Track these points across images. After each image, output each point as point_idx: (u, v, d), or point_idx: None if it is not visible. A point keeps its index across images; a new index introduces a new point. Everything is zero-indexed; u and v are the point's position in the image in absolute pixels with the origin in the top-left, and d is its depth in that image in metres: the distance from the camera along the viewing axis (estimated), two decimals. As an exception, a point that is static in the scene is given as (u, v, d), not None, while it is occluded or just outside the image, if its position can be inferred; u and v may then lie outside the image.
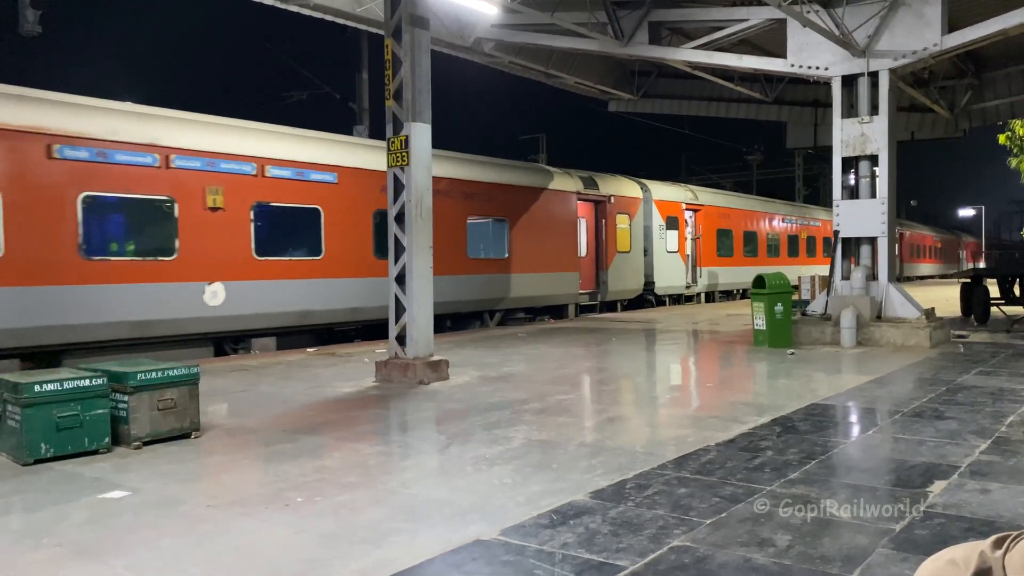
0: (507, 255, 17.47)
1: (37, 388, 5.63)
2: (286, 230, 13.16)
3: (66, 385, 5.75)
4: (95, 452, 5.85)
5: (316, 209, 13.37)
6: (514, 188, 17.72)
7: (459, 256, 16.10)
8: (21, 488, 5.08)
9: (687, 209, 24.24)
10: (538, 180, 18.61)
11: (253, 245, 12.40)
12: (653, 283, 22.61)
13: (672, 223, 23.23)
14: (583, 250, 19.87)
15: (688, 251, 24.34)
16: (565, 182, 19.38)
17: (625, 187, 21.67)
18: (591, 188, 20.12)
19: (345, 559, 3.75)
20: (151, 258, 11.30)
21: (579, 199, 19.66)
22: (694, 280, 24.71)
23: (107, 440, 5.92)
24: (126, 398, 6.04)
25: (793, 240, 31.65)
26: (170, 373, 6.30)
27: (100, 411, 5.89)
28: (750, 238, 28.07)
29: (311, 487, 4.98)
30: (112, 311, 10.75)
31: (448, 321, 16.38)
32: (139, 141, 11.11)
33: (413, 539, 4.00)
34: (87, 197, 10.58)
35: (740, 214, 27.56)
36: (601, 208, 20.49)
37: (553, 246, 18.73)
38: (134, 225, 11.50)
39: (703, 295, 25.22)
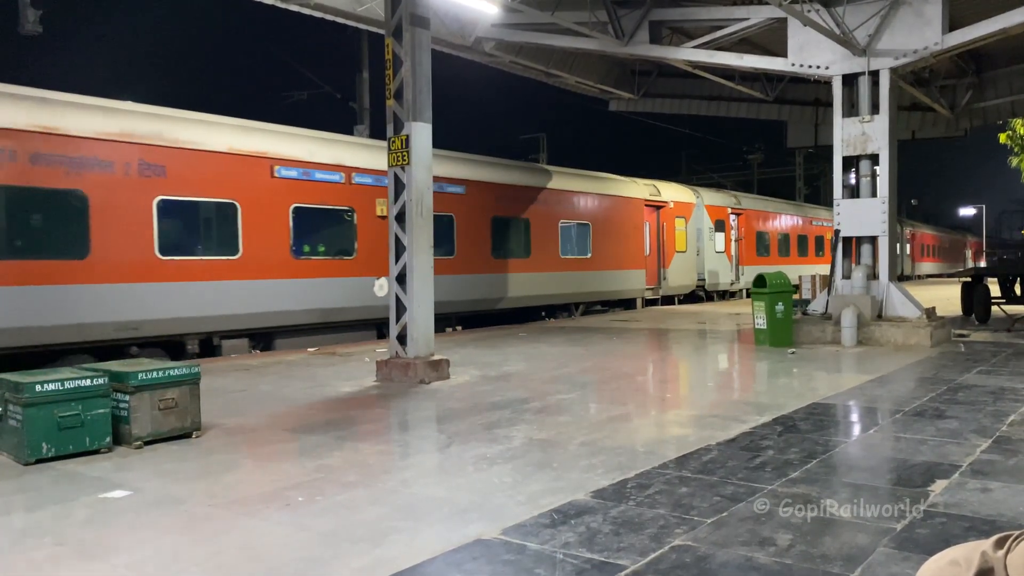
0: (590, 254, 19.88)
1: (38, 388, 5.64)
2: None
3: (67, 385, 5.76)
4: (96, 452, 5.85)
5: (451, 216, 15.94)
6: (595, 196, 20.23)
7: (554, 255, 18.66)
8: (22, 487, 5.08)
9: (732, 213, 26.76)
10: (615, 189, 21.14)
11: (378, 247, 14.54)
12: (704, 280, 25.08)
13: (719, 226, 25.72)
14: (647, 250, 22.21)
15: (732, 251, 26.92)
16: (634, 189, 21.88)
17: (681, 193, 24.24)
18: (654, 195, 22.61)
19: (345, 558, 3.75)
20: (338, 257, 13.90)
21: (645, 205, 22.07)
22: (737, 277, 27.18)
23: (108, 440, 5.93)
24: (127, 398, 6.04)
25: (819, 240, 34.03)
26: (171, 373, 6.30)
27: (101, 411, 5.89)
28: (783, 239, 30.78)
29: (312, 486, 4.98)
30: (310, 300, 13.26)
31: (543, 312, 19.09)
32: (330, 162, 13.70)
33: (413, 538, 4.00)
34: (296, 208, 13.12)
35: (774, 217, 30.34)
36: (662, 212, 22.82)
37: (625, 247, 21.22)
38: (327, 230, 13.91)
39: (744, 291, 27.19)
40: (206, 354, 11.96)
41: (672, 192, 23.78)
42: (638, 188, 22.05)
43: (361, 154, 14.36)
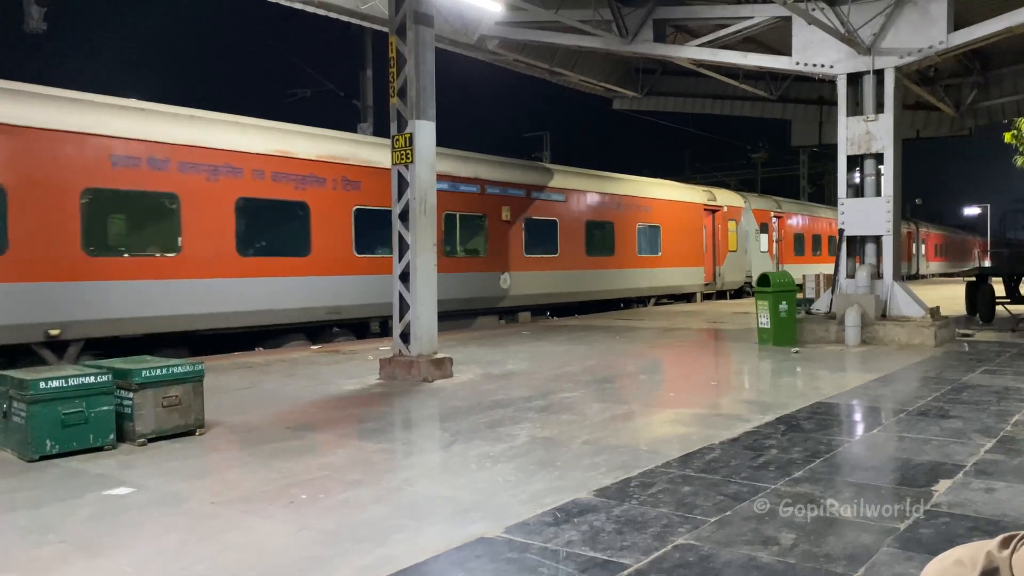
0: (660, 253, 22.58)
1: (42, 385, 5.65)
2: (540, 236, 18.54)
3: (71, 382, 5.77)
4: (100, 449, 5.86)
5: (555, 220, 18.87)
6: (665, 201, 22.99)
7: (632, 254, 21.55)
8: (26, 484, 5.10)
9: (773, 216, 29.05)
10: (679, 195, 23.95)
11: (524, 246, 17.91)
12: (751, 277, 26.63)
13: (763, 228, 28.27)
14: (705, 249, 24.81)
15: (774, 251, 28.99)
16: (695, 195, 24.75)
17: (733, 199, 26.89)
18: (711, 200, 25.20)
19: (348, 556, 3.76)
20: (473, 256, 16.82)
21: (703, 209, 24.66)
22: None
23: (112, 437, 5.94)
24: (131, 395, 6.05)
25: None
26: (174, 370, 6.31)
27: (105, 408, 5.90)
28: (816, 239, 33.27)
29: (315, 484, 4.99)
30: (452, 291, 15.39)
31: (621, 303, 21.86)
32: (469, 176, 16.54)
33: (416, 537, 4.01)
34: (446, 214, 15.71)
35: (809, 219, 32.96)
36: (717, 216, 25.35)
37: (688, 246, 23.83)
38: (466, 232, 16.70)
39: None
40: (385, 334, 13.71)
41: (725, 197, 26.31)
42: (698, 194, 24.89)
43: (496, 170, 17.49)
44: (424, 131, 9.49)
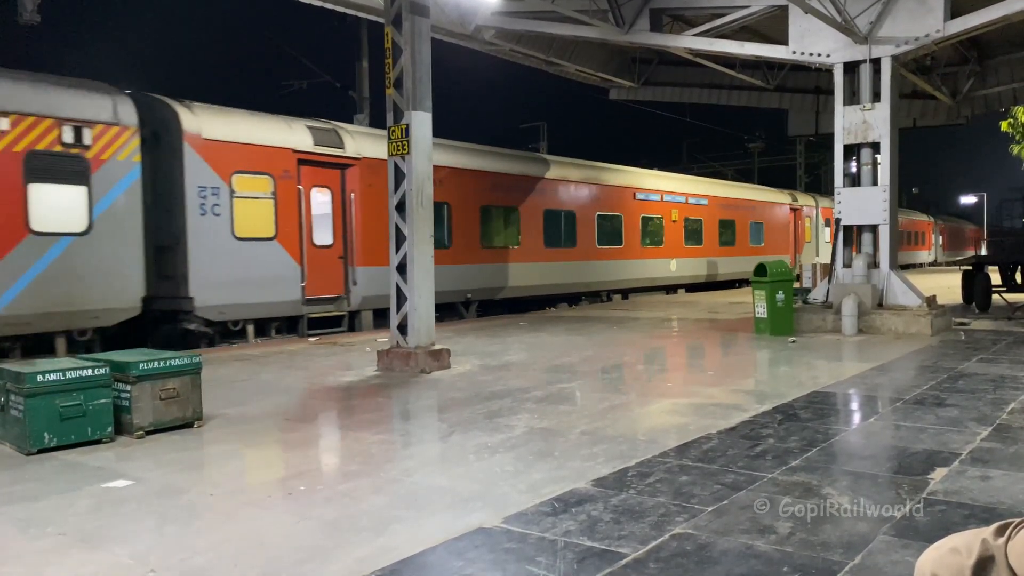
0: (763, 244, 28.80)
1: (40, 378, 5.65)
2: (692, 231, 25.24)
3: (69, 375, 5.77)
4: (98, 441, 5.86)
5: (700, 220, 25.63)
6: (765, 203, 29.60)
7: (746, 244, 27.94)
8: (25, 477, 5.10)
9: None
10: (773, 197, 30.59)
11: (683, 239, 24.67)
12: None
13: (827, 223, 33.11)
14: (790, 240, 31.07)
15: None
16: (785, 197, 31.48)
17: (807, 199, 33.34)
18: (794, 201, 31.81)
19: (347, 547, 3.77)
20: (656, 246, 23.38)
21: (789, 208, 31.15)
22: None
23: (110, 429, 5.94)
24: (129, 388, 6.05)
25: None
26: (172, 363, 6.31)
27: (103, 400, 5.90)
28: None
29: (313, 475, 4.99)
30: (642, 272, 22.83)
31: (736, 283, 27.34)
32: (652, 188, 23.39)
33: (415, 527, 4.02)
34: (643, 217, 22.77)
35: None
36: (797, 213, 31.69)
37: (778, 238, 30.17)
38: (652, 230, 23.27)
39: None
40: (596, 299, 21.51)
41: (802, 199, 32.92)
42: (786, 196, 31.60)
43: (677, 185, 24.99)
44: (421, 122, 9.46)
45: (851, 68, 12.92)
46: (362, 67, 21.44)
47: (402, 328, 9.61)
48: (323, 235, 13.97)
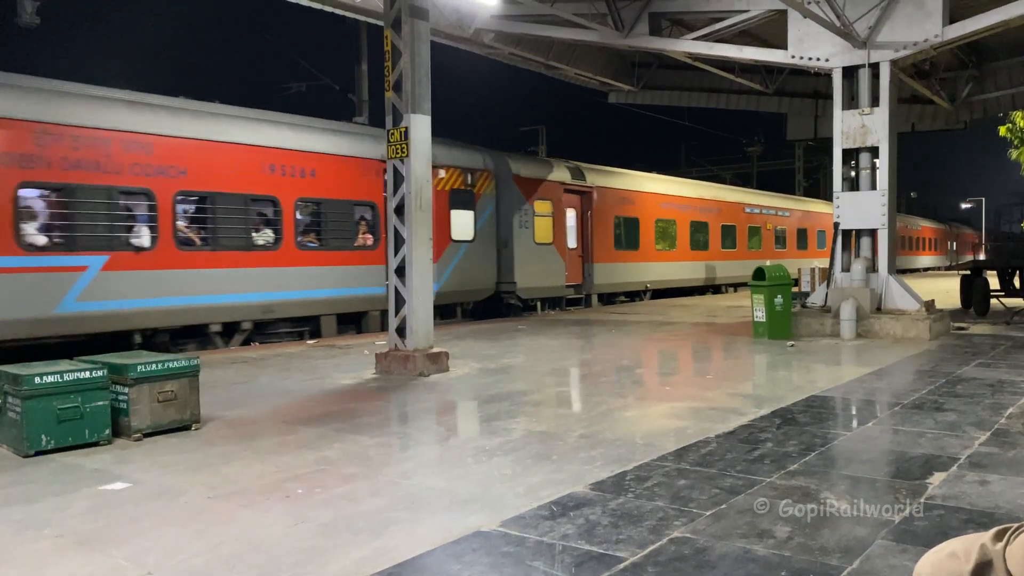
0: (807, 247, 33.09)
1: (37, 380, 5.64)
2: (779, 238, 30.47)
3: (66, 377, 5.76)
4: (96, 444, 5.86)
5: (784, 229, 30.81)
6: (811, 212, 34.37)
7: (814, 248, 32.80)
8: (22, 479, 5.09)
9: None
10: (822, 208, 34.11)
11: (774, 244, 28.99)
12: None
13: None
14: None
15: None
16: (827, 207, 32.40)
17: None
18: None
19: (345, 549, 3.76)
20: (755, 249, 27.56)
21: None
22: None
23: (107, 432, 5.93)
24: (126, 390, 6.04)
25: (926, 241, 53.84)
26: (170, 365, 6.30)
27: (100, 403, 5.89)
28: (917, 239, 49.49)
29: (311, 478, 4.99)
30: (743, 271, 23.60)
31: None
32: (756, 203, 28.93)
33: (413, 529, 4.01)
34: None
35: (906, 223, 45.65)
36: None
37: (825, 242, 32.15)
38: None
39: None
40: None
41: None
42: (829, 206, 35.47)
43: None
44: (420, 125, 9.46)
45: (850, 72, 12.94)
46: (361, 70, 21.43)
47: (400, 331, 9.61)
48: (572, 241, 20.23)
